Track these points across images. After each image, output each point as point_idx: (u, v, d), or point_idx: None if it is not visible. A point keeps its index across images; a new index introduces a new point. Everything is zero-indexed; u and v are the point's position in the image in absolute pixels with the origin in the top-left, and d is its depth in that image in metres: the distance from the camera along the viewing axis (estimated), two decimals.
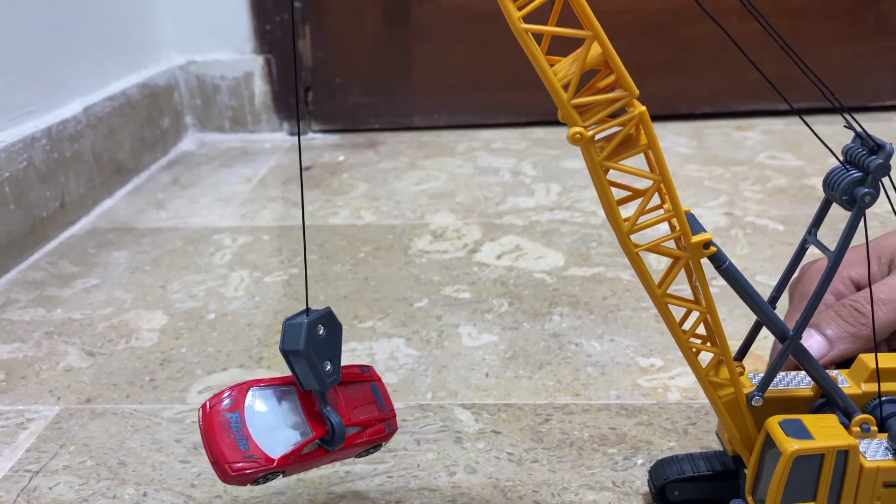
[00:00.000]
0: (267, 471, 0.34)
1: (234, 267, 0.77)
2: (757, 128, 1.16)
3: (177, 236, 0.85)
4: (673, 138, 1.13)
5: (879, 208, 0.34)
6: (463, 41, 1.16)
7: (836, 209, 0.35)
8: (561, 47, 0.31)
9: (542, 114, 1.16)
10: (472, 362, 0.59)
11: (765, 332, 0.37)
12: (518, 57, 0.33)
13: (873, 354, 0.38)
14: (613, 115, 0.30)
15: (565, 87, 0.29)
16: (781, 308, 0.39)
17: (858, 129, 0.33)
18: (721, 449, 0.41)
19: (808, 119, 1.30)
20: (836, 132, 1.23)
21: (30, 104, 0.84)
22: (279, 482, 0.46)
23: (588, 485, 0.45)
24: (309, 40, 1.17)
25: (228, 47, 1.17)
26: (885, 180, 0.33)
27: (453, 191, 0.96)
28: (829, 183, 0.33)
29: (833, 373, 0.38)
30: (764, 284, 0.68)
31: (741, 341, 0.41)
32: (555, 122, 0.42)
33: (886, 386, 0.37)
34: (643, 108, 0.30)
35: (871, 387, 0.37)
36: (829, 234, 0.37)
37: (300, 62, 1.17)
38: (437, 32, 1.16)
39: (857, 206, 0.32)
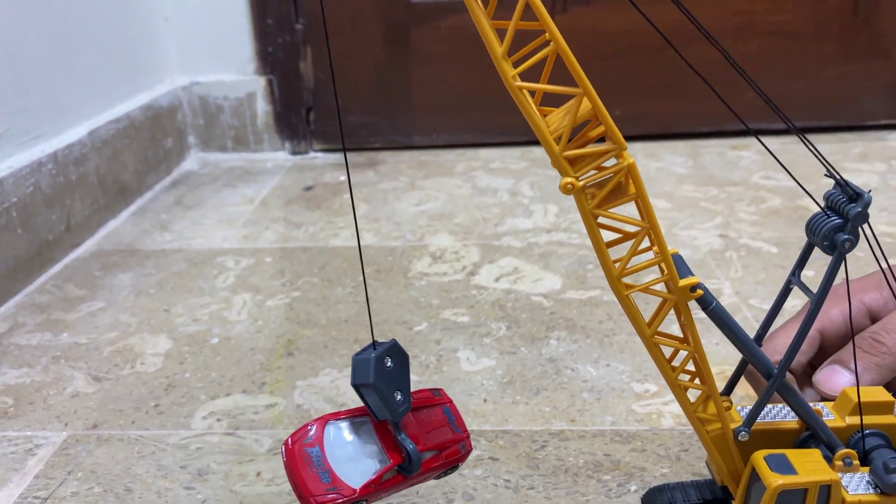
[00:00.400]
0: (349, 500, 0.35)
1: (236, 290, 0.78)
2: (752, 147, 1.18)
3: (181, 258, 0.86)
4: (671, 158, 1.15)
5: (860, 251, 0.35)
6: (461, 63, 1.17)
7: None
8: (554, 99, 0.32)
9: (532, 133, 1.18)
10: (470, 387, 0.60)
11: None
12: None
13: (864, 388, 0.39)
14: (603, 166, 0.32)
15: (557, 140, 0.31)
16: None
17: (838, 177, 0.34)
18: (711, 478, 0.42)
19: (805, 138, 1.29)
20: (829, 151, 1.24)
21: (37, 129, 0.85)
22: None
23: None
24: (310, 62, 1.18)
25: (231, 68, 1.19)
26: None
27: (452, 212, 0.97)
28: (811, 228, 0.34)
29: (819, 406, 0.39)
30: (757, 308, 0.70)
31: (734, 366, 0.42)
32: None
33: (870, 419, 0.38)
34: (632, 160, 0.31)
35: (855, 419, 0.38)
36: (821, 254, 0.38)
37: (301, 84, 1.19)
38: (436, 55, 1.17)
39: (838, 251, 0.33)
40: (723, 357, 0.61)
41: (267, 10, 1.16)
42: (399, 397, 0.36)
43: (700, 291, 0.33)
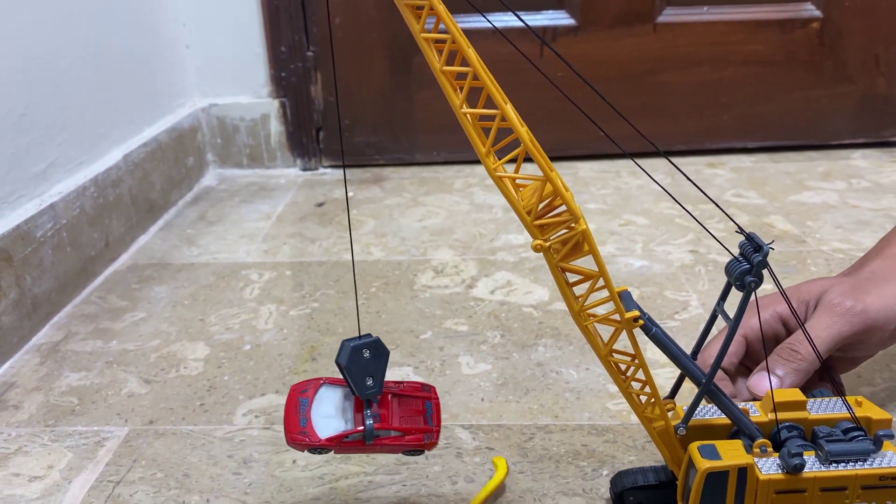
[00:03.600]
0: (315, 446, 0.45)
1: (262, 301, 0.88)
2: (727, 164, 1.28)
3: (209, 272, 0.96)
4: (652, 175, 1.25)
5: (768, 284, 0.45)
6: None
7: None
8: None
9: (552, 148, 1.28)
10: (469, 388, 0.70)
11: None
12: (510, 101, 0.44)
13: (783, 390, 0.49)
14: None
15: (528, 213, 0.41)
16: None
17: (745, 233, 0.44)
18: (665, 464, 0.53)
19: (774, 156, 1.47)
20: (796, 169, 1.36)
21: (80, 157, 0.95)
22: (315, 489, 0.58)
23: (563, 491, 0.57)
24: (320, 86, 1.28)
25: (247, 92, 1.29)
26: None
27: (452, 227, 1.07)
28: (728, 271, 0.44)
29: (747, 405, 0.49)
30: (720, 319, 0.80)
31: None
32: (553, 157, 0.53)
33: (787, 415, 0.48)
34: (585, 226, 0.41)
35: (780, 415, 0.48)
36: (781, 270, 0.48)
37: (312, 106, 1.29)
38: (436, 80, 1.27)
39: (746, 289, 0.43)
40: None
41: (281, 38, 1.25)
42: (370, 382, 0.46)
43: (641, 321, 0.43)
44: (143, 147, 1.09)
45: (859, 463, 0.45)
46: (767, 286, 0.45)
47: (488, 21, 0.46)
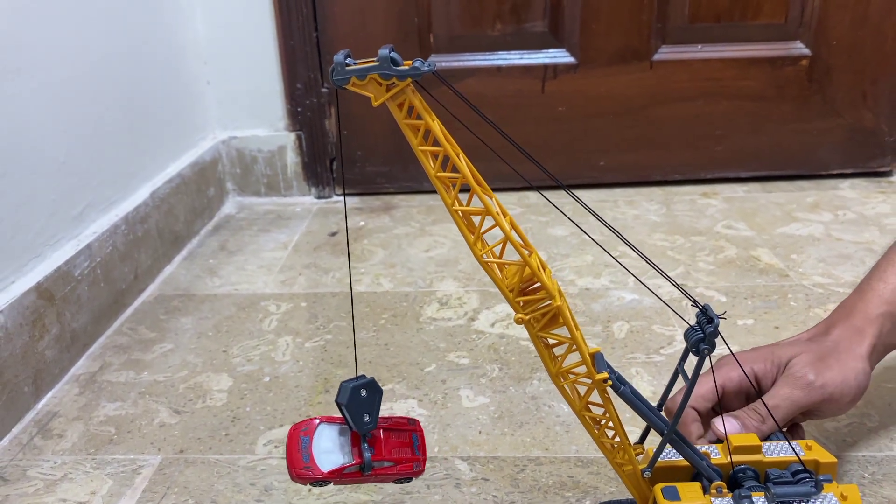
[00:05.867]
0: (317, 479, 0.52)
1: (280, 333, 0.96)
2: (720, 194, 1.35)
3: (230, 302, 1.04)
4: (646, 205, 1.31)
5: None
6: (466, 121, 1.34)
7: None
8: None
9: (534, 180, 1.35)
10: (469, 421, 0.77)
11: None
12: (512, 135, 0.51)
13: (742, 435, 0.56)
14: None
15: (511, 290, 0.47)
16: None
17: (700, 306, 0.50)
18: None
19: (766, 185, 1.55)
20: (786, 200, 1.44)
21: (112, 196, 1.03)
22: None
23: None
24: (334, 119, 1.36)
25: (265, 125, 1.36)
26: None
27: (456, 258, 1.14)
28: (685, 337, 0.51)
29: (708, 449, 0.56)
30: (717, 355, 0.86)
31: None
32: (546, 187, 0.59)
33: (744, 457, 0.55)
34: (559, 302, 0.48)
35: (736, 458, 0.55)
36: (762, 304, 0.54)
37: (326, 139, 1.36)
38: (443, 113, 1.34)
39: (700, 355, 0.50)
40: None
41: (297, 75, 1.33)
42: (367, 419, 0.52)
43: (609, 382, 0.50)
44: (168, 183, 1.17)
45: (802, 503, 0.51)
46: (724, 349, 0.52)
47: None
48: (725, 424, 0.58)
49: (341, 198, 1.41)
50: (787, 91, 1.32)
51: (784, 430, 0.61)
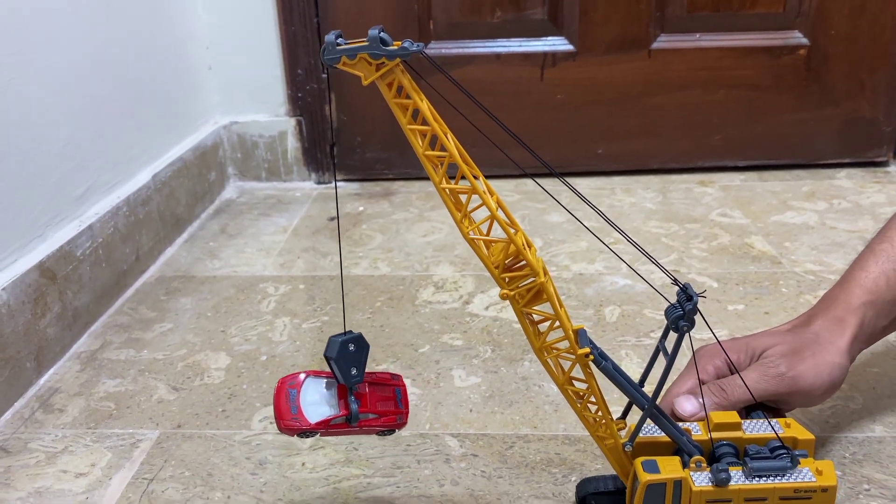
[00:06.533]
0: (304, 429, 0.53)
1: (277, 314, 0.97)
2: (717, 183, 1.36)
3: (230, 284, 1.06)
4: (642, 193, 1.33)
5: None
6: (464, 107, 1.35)
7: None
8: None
9: (530, 167, 1.36)
10: (460, 400, 0.79)
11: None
12: (511, 122, 0.52)
13: (723, 413, 0.57)
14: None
15: (497, 267, 0.49)
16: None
17: (680, 285, 0.51)
18: None
19: (763, 174, 1.56)
20: (782, 188, 1.44)
21: (114, 179, 1.05)
22: (321, 489, 0.66)
23: (536, 495, 0.65)
24: (334, 106, 1.37)
25: (266, 111, 1.38)
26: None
27: (453, 244, 1.16)
28: (666, 314, 0.52)
29: (690, 425, 0.58)
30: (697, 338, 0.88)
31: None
32: (543, 174, 0.60)
33: (724, 434, 0.56)
34: (543, 279, 0.49)
35: (716, 434, 0.56)
36: (753, 290, 0.56)
37: (326, 124, 1.38)
38: (442, 99, 1.35)
39: (679, 331, 0.51)
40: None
41: (298, 61, 1.34)
42: (354, 372, 0.53)
43: (591, 357, 0.51)
44: (170, 166, 1.18)
45: (778, 478, 0.53)
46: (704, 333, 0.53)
47: None
48: (685, 404, 0.60)
49: (341, 183, 1.42)
50: (785, 80, 1.33)
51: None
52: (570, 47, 1.33)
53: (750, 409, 0.61)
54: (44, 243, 0.89)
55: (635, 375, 0.55)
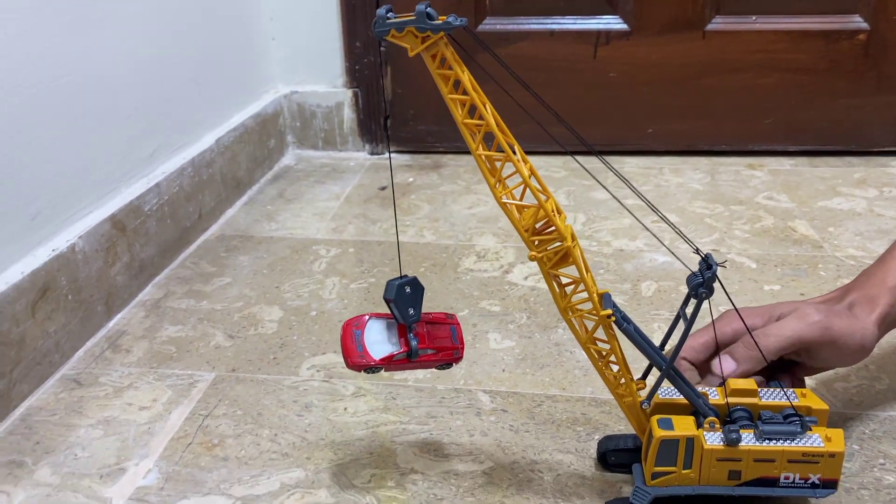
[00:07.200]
0: (370, 365, 0.58)
1: (328, 274, 1.03)
2: (766, 167, 1.35)
3: (285, 245, 1.12)
4: (690, 174, 1.34)
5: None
6: (516, 82, 1.38)
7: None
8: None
9: (580, 145, 1.38)
10: (494, 360, 0.83)
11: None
12: (562, 99, 0.56)
13: (741, 380, 0.60)
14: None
15: (526, 230, 0.52)
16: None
17: (702, 254, 0.54)
18: None
19: (814, 160, 1.57)
20: (833, 174, 1.44)
21: (180, 141, 1.11)
22: (360, 431, 0.72)
23: (559, 449, 0.69)
24: (390, 78, 1.41)
25: (324, 82, 1.43)
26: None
27: (497, 216, 1.19)
28: (687, 282, 0.55)
29: (707, 390, 0.61)
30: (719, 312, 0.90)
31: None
32: (587, 153, 0.63)
33: (740, 399, 0.59)
34: (570, 243, 0.53)
35: (732, 399, 0.59)
36: (791, 272, 0.59)
37: (381, 95, 1.42)
38: (495, 75, 1.38)
39: (699, 298, 0.54)
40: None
41: (356, 34, 1.38)
42: (411, 312, 0.58)
43: (613, 318, 0.55)
44: (232, 131, 1.24)
45: (788, 441, 0.56)
46: (724, 298, 0.56)
47: None
48: (723, 364, 0.62)
49: (394, 155, 1.47)
50: (842, 65, 1.31)
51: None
52: (624, 26, 1.34)
53: (771, 378, 0.64)
54: (115, 198, 0.96)
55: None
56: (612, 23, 1.35)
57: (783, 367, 0.65)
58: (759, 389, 0.60)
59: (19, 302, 0.78)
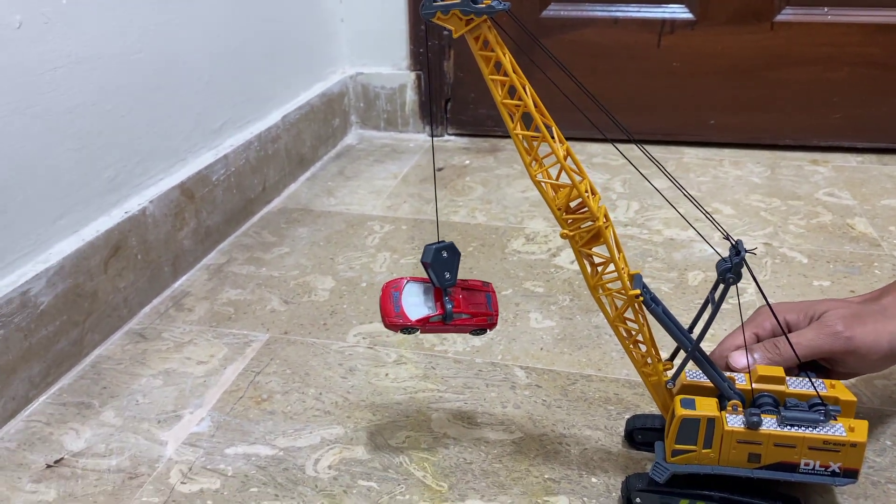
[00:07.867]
0: (406, 325, 0.61)
1: (380, 249, 1.07)
2: (831, 163, 1.33)
3: (341, 220, 1.16)
4: (751, 167, 1.32)
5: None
6: (577, 69, 1.38)
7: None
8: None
9: (639, 133, 1.38)
10: (533, 339, 0.85)
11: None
12: (623, 87, 0.58)
13: (769, 367, 0.61)
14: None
15: (559, 209, 0.55)
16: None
17: (732, 240, 0.55)
18: None
19: (883, 157, 1.55)
20: None
21: (248, 116, 1.17)
22: (399, 396, 0.75)
23: (589, 426, 0.72)
24: (452, 62, 1.44)
25: (388, 64, 1.47)
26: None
27: None
28: (716, 267, 0.56)
29: (735, 375, 0.62)
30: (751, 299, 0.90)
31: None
32: (650, 142, 0.64)
33: (767, 386, 0.60)
34: (601, 223, 0.54)
35: (758, 385, 0.60)
36: (843, 269, 0.60)
37: (443, 80, 1.45)
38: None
39: (726, 283, 0.55)
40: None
41: (421, 18, 1.41)
42: (447, 276, 0.60)
43: (642, 298, 0.56)
44: (298, 109, 1.29)
45: (809, 429, 0.56)
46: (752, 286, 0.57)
47: None
48: (738, 359, 0.63)
49: (452, 137, 1.50)
50: None
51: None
52: (689, 16, 1.33)
53: (803, 370, 0.64)
54: (185, 167, 1.02)
55: (705, 337, 0.59)
56: (678, 11, 1.34)
57: (817, 368, 0.65)
58: (787, 378, 0.60)
59: (94, 258, 0.84)
